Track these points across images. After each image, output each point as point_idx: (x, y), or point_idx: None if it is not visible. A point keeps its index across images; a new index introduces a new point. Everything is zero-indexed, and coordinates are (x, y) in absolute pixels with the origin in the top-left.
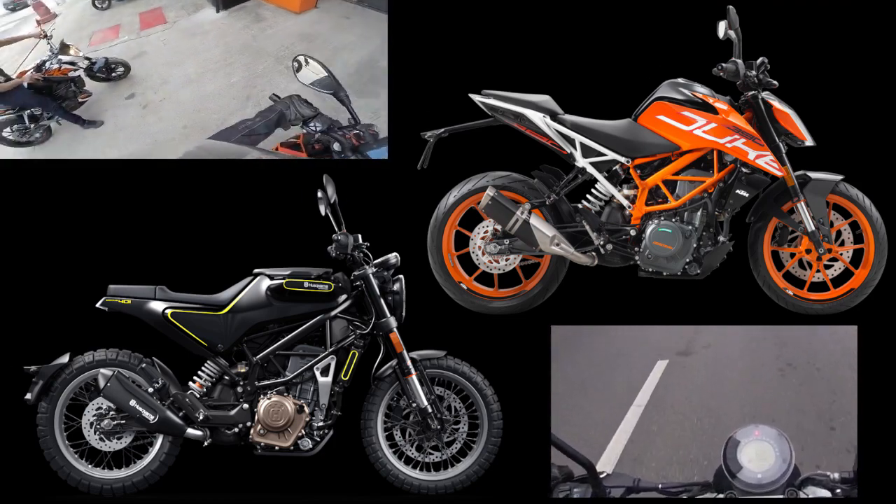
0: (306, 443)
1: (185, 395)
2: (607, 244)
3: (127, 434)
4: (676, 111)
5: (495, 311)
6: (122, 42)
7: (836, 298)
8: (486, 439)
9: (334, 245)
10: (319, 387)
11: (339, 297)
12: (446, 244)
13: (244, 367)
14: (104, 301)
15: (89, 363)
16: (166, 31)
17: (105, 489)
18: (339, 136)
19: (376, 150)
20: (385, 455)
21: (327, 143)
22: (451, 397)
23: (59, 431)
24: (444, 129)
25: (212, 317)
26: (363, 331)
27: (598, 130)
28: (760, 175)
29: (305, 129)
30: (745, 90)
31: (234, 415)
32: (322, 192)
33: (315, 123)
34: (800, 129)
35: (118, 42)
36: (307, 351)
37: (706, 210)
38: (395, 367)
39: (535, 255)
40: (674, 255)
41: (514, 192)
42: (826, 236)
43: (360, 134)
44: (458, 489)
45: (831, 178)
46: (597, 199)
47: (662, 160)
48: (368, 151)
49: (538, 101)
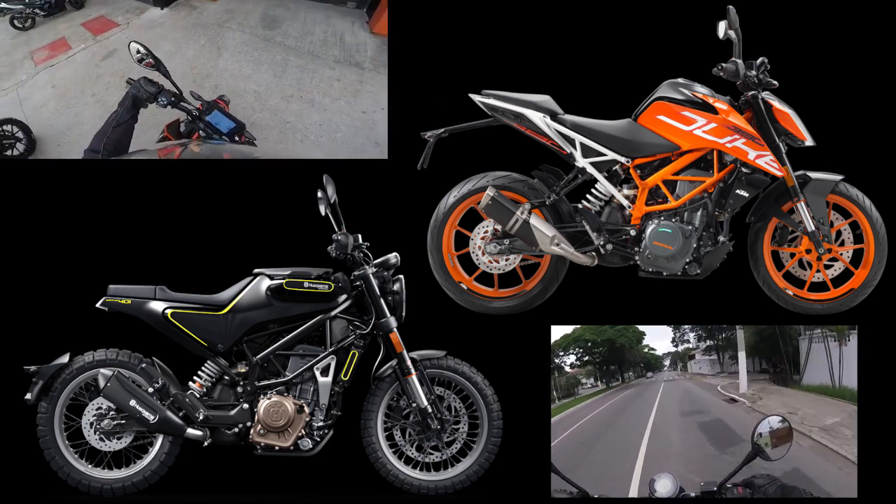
0: (306, 443)
1: (185, 395)
2: (607, 244)
3: (127, 434)
4: (676, 111)
5: (495, 311)
6: (82, 49)
7: (836, 298)
8: (486, 439)
9: (334, 245)
10: (319, 387)
11: (339, 297)
12: (446, 244)
13: (244, 367)
14: (104, 301)
15: (89, 363)
16: (125, 32)
17: (105, 489)
18: (185, 107)
19: (210, 116)
20: (385, 455)
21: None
22: (451, 397)
23: (59, 431)
24: (444, 129)
25: (212, 317)
26: (363, 331)
27: (598, 130)
28: (760, 175)
29: (158, 104)
30: (745, 90)
31: (234, 415)
32: (322, 192)
33: (161, 98)
34: (800, 129)
35: (76, 51)
36: (307, 351)
37: (706, 210)
38: (395, 367)
39: (535, 255)
40: (674, 255)
41: (514, 192)
42: (826, 236)
43: (202, 103)
44: (458, 489)
45: (831, 178)
46: (597, 199)
47: (662, 160)
48: (207, 118)
49: (538, 101)
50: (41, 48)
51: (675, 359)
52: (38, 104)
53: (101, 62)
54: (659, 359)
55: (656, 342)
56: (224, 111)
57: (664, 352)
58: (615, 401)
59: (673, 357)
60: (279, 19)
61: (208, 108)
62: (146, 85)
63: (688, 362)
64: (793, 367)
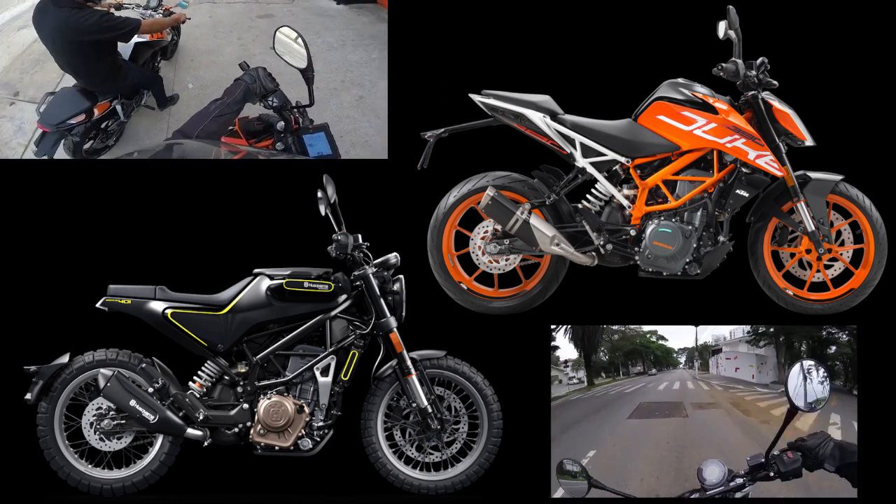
0: (306, 443)
1: (185, 395)
2: (607, 244)
3: (127, 434)
4: (676, 111)
5: (495, 311)
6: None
7: (836, 298)
8: (486, 439)
9: (334, 245)
10: (319, 387)
11: (339, 297)
12: (446, 244)
13: (244, 367)
14: (104, 301)
15: (89, 363)
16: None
17: (105, 489)
18: (286, 115)
19: (312, 135)
20: (385, 455)
21: (271, 120)
22: (451, 397)
23: (59, 431)
24: (444, 129)
25: (212, 317)
26: (363, 331)
27: (598, 130)
28: (760, 175)
29: (264, 103)
30: (745, 90)
31: (234, 415)
32: (322, 192)
33: (273, 98)
34: (800, 129)
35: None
36: (307, 351)
37: (706, 210)
38: (395, 367)
39: (535, 255)
40: (674, 255)
41: (514, 192)
42: (826, 236)
43: (298, 118)
44: (458, 489)
45: (831, 178)
46: (597, 199)
47: (662, 160)
48: (305, 136)
49: (538, 101)
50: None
51: (692, 355)
52: (193, 24)
53: (256, 18)
54: (672, 354)
55: (676, 337)
56: (329, 136)
57: (681, 347)
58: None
59: (689, 354)
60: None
61: (315, 129)
62: (265, 78)
63: (709, 358)
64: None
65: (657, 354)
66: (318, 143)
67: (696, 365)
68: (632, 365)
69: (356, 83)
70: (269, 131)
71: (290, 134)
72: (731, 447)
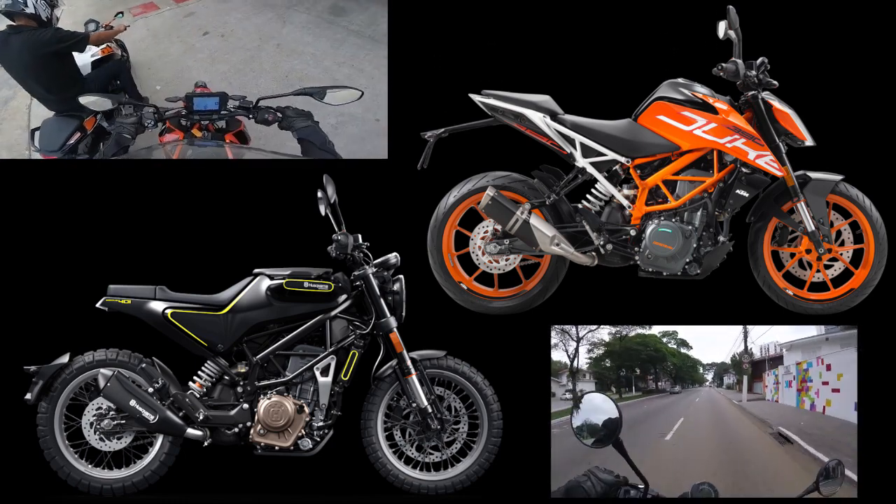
0: (306, 443)
1: (185, 395)
2: (607, 244)
3: (127, 434)
4: (676, 111)
5: (495, 311)
6: (168, 10)
7: (836, 298)
8: (486, 439)
9: (334, 245)
10: (319, 387)
11: (339, 297)
12: (446, 244)
13: (244, 367)
14: (104, 301)
15: (89, 363)
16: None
17: (105, 489)
18: (172, 113)
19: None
20: (385, 455)
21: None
22: (451, 397)
23: (59, 431)
24: (444, 129)
25: (212, 317)
26: (363, 331)
27: (598, 130)
28: (760, 175)
29: (145, 125)
30: (745, 90)
31: (234, 415)
32: (322, 192)
33: (145, 120)
34: (800, 129)
35: (162, 11)
36: (307, 351)
37: (706, 210)
38: (395, 367)
39: (535, 255)
40: (674, 255)
41: (514, 192)
42: (826, 236)
43: (182, 99)
44: (458, 489)
45: (831, 178)
46: (597, 199)
47: (662, 160)
48: (196, 107)
49: (538, 101)
50: (136, 6)
51: (720, 372)
52: (137, 38)
53: (183, 18)
54: (698, 370)
55: (707, 348)
56: (203, 93)
57: (709, 362)
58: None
59: (718, 370)
60: (347, 10)
61: (189, 100)
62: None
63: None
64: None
65: (676, 365)
66: (205, 102)
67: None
68: (641, 381)
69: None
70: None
71: (193, 114)
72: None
